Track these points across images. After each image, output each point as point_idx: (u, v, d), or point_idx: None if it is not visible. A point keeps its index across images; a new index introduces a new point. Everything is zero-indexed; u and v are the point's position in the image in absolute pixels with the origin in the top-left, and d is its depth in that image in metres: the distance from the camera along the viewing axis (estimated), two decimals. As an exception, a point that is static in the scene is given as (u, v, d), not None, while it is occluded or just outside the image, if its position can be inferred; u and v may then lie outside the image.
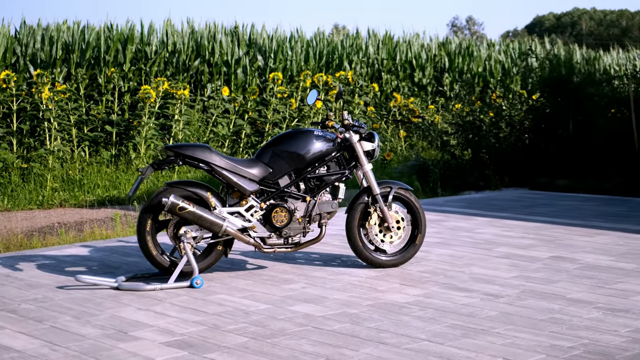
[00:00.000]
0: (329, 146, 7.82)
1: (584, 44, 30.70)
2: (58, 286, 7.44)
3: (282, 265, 8.23)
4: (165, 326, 6.22)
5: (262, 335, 5.96)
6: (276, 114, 18.18)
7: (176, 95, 17.21)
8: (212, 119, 17.98)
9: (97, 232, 10.58)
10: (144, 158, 16.43)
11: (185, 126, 17.23)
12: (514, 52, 26.20)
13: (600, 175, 13.56)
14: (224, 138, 17.89)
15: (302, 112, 18.60)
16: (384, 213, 7.89)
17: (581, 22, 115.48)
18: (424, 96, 23.17)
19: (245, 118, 18.25)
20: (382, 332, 6.00)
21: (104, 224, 11.77)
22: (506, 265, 8.09)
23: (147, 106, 16.73)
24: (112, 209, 13.53)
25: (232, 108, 18.28)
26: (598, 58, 26.83)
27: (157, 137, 16.91)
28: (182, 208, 7.32)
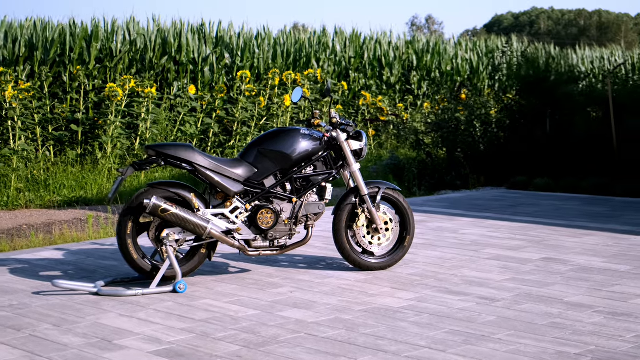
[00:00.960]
0: (315, 145, 7.57)
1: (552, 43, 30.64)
2: (34, 292, 7.13)
3: (266, 268, 7.96)
4: (152, 334, 5.94)
5: (254, 344, 5.70)
6: (244, 113, 17.88)
7: (143, 93, 16.86)
8: (180, 118, 17.65)
9: (68, 234, 10.25)
10: (110, 158, 16.07)
11: (152, 125, 16.88)
12: (480, 50, 26.07)
13: (578, 174, 13.39)
14: (192, 137, 17.57)
15: (270, 110, 18.31)
16: (372, 214, 7.64)
17: (539, 22, 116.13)
18: (392, 94, 22.97)
19: (213, 117, 17.94)
20: (380, 339, 5.75)
21: (74, 226, 11.43)
22: (497, 267, 7.87)
23: (114, 105, 16.36)
24: (80, 210, 13.18)
25: (199, 106, 17.96)
26: (565, 57, 26.76)
27: (123, 136, 16.55)
28: (165, 210, 7.04)
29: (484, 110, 15.18)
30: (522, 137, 14.53)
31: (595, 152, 13.63)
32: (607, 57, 29.05)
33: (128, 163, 16.40)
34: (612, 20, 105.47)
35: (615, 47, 32.08)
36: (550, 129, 14.28)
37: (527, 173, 13.81)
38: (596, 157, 13.57)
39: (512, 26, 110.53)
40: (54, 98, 17.34)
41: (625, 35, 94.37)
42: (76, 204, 14.02)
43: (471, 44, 26.54)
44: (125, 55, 18.38)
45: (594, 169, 13.36)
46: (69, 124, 16.83)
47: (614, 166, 13.32)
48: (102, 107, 17.14)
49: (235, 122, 17.95)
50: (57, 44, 17.64)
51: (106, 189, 15.12)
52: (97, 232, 10.29)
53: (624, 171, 13.11)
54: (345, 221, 7.66)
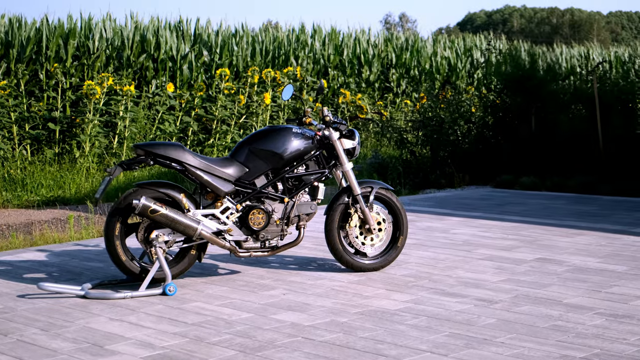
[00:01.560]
0: (307, 144, 7.41)
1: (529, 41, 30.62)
2: (19, 295, 6.94)
3: (256, 269, 7.80)
4: (144, 338, 5.77)
5: (250, 348, 5.54)
6: (224, 111, 17.69)
7: (121, 91, 16.63)
8: (158, 116, 17.44)
9: (48, 234, 10.04)
10: (89, 156, 15.83)
11: (131, 123, 16.66)
12: (459, 48, 25.99)
13: (564, 173, 13.30)
14: (171, 135, 17.36)
15: (250, 108, 18.13)
16: (365, 214, 7.49)
17: (512, 20, 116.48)
18: (372, 92, 22.84)
19: (192, 115, 17.74)
20: (379, 343, 5.61)
21: (54, 226, 11.21)
22: (491, 268, 7.75)
23: (92, 103, 16.13)
24: (59, 210, 12.96)
25: (177, 104, 17.75)
26: (548, 54, 26.73)
27: (101, 134, 16.32)
28: (154, 211, 6.86)
29: (468, 107, 15.05)
30: (507, 136, 14.41)
31: (581, 151, 13.54)
32: (584, 55, 29.06)
33: (107, 162, 16.18)
34: (585, 18, 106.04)
35: (593, 45, 32.11)
36: (535, 127, 14.17)
37: (513, 172, 13.70)
38: (582, 156, 13.47)
39: (485, 24, 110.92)
40: (31, 96, 17.09)
41: (597, 34, 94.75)
42: (54, 204, 13.79)
43: (449, 42, 26.45)
44: (102, 52, 18.15)
45: (580, 168, 13.26)
46: (46, 122, 16.59)
47: (600, 165, 13.23)
48: (79, 105, 16.90)
49: (215, 121, 17.76)
50: (33, 42, 17.39)
51: (84, 188, 14.91)
52: (78, 232, 10.09)
53: (610, 170, 13.03)
54: (337, 221, 7.52)
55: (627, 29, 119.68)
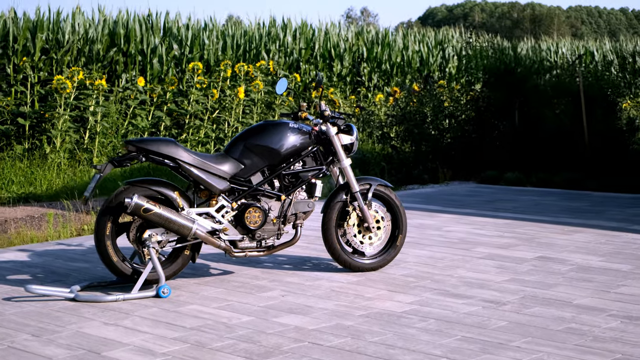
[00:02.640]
0: (304, 140, 7.15)
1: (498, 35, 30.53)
2: (4, 297, 6.64)
3: (250, 269, 7.53)
4: (142, 344, 5.49)
5: (256, 354, 5.28)
6: (197, 105, 17.36)
7: (91, 86, 16.25)
8: (130, 111, 17.08)
9: (25, 233, 9.69)
10: (60, 152, 15.45)
11: (102, 118, 16.30)
12: (430, 42, 25.81)
13: (550, 169, 13.11)
14: (143, 130, 17.02)
15: (222, 103, 17.82)
16: (364, 212, 7.25)
17: (473, 14, 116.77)
18: (343, 86, 22.59)
19: (164, 109, 17.39)
20: (391, 348, 5.37)
21: (28, 224, 10.85)
22: (493, 267, 7.53)
23: (63, 97, 15.75)
24: (32, 207, 12.57)
25: (148, 99, 17.41)
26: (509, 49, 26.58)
27: (72, 129, 15.94)
28: (147, 209, 6.57)
29: (450, 102, 14.83)
30: (491, 131, 14.21)
31: (566, 146, 13.36)
32: (552, 49, 28.99)
33: (78, 158, 15.82)
34: (545, 13, 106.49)
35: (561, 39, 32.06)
36: (518, 122, 13.99)
37: (497, 167, 13.50)
38: (567, 151, 13.30)
39: (446, 18, 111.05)
40: (-2, 91, 16.67)
41: (558, 28, 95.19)
42: (27, 201, 13.42)
43: (420, 36, 26.26)
44: (72, 46, 17.75)
45: (565, 164, 13.09)
46: (15, 117, 16.17)
47: (585, 161, 13.07)
48: (48, 99, 16.51)
49: (187, 115, 17.43)
50: (0, 35, 16.97)
51: (56, 184, 14.55)
52: (57, 231, 9.73)
53: (596, 165, 12.87)
54: (335, 220, 7.26)
55: (586, 23, 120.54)
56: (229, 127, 17.75)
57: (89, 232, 9.72)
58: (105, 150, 16.21)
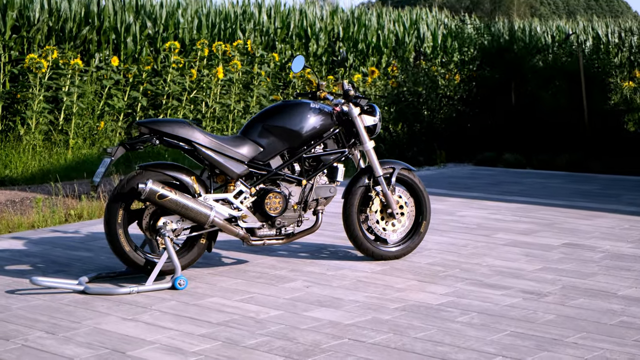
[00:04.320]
0: (326, 121, 6.74)
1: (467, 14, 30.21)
2: (7, 290, 6.18)
3: (264, 258, 7.12)
4: (169, 342, 5.07)
5: (296, 353, 4.88)
6: (174, 86, 16.86)
7: (64, 65, 15.68)
8: (106, 91, 16.53)
9: (10, 218, 9.16)
10: (35, 134, 14.90)
11: (78, 98, 15.75)
12: (405, 22, 25.42)
13: (550, 150, 12.77)
14: (119, 111, 16.49)
15: (200, 82, 17.34)
16: (388, 198, 6.85)
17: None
18: (319, 66, 22.14)
19: (140, 90, 16.87)
20: (439, 345, 4.99)
21: (11, 209, 10.33)
22: (521, 255, 7.17)
23: (37, 78, 15.18)
24: (10, 191, 12.04)
25: (122, 79, 16.87)
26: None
27: (47, 110, 15.38)
28: (163, 196, 6.13)
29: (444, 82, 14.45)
30: (486, 111, 13.84)
31: (566, 127, 13.02)
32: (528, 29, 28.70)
33: (53, 139, 15.28)
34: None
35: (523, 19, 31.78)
36: (515, 102, 13.63)
37: (493, 149, 13.13)
38: (567, 132, 12.96)
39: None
40: (-32, 71, 16.05)
41: (517, 9, 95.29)
42: (1, 184, 12.87)
43: (394, 15, 25.86)
44: (44, 24, 17.15)
45: (566, 145, 12.74)
46: (-14, 98, 15.58)
47: (586, 141, 12.74)
48: (18, 80, 15.93)
49: (164, 95, 16.93)
50: (-31, 13, 16.35)
51: (32, 167, 14.02)
52: (45, 216, 9.19)
53: (597, 146, 12.54)
54: (357, 206, 6.85)
55: (545, 4, 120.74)
56: (207, 108, 17.28)
57: (76, 217, 9.24)
58: (81, 131, 15.69)
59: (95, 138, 15.74)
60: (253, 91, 18.07)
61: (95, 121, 15.85)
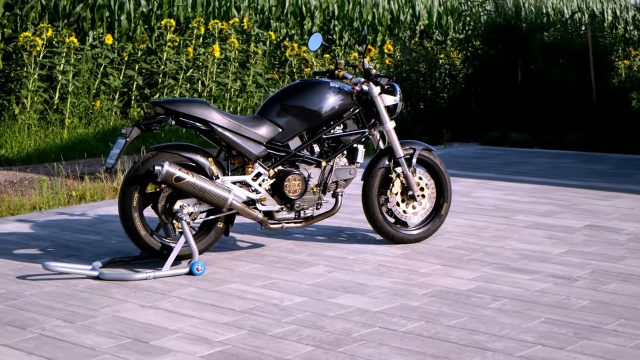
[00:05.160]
0: (346, 100, 6.52)
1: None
2: (18, 276, 5.98)
3: (280, 242, 6.92)
4: (192, 331, 4.87)
5: (327, 342, 4.69)
6: (170, 64, 16.60)
7: (58, 43, 15.40)
8: (101, 70, 16.26)
9: (10, 200, 8.90)
10: (30, 113, 14.63)
11: (74, 77, 15.48)
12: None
13: (558, 129, 12.56)
14: (115, 90, 16.23)
15: (196, 61, 17.09)
16: (409, 179, 6.65)
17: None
18: (314, 44, 21.82)
19: (136, 68, 16.61)
20: (474, 334, 4.80)
21: (12, 190, 10.07)
22: (544, 237, 6.99)
23: (33, 56, 14.90)
24: (8, 171, 11.79)
25: (117, 58, 16.60)
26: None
27: (42, 89, 15.11)
28: (179, 178, 5.92)
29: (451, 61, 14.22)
30: (491, 90, 13.61)
31: (574, 106, 12.81)
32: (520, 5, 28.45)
33: (49, 118, 15.01)
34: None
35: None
36: (521, 80, 13.40)
37: (499, 128, 12.91)
38: (575, 111, 12.74)
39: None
40: (-40, 49, 15.75)
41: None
42: (1, 164, 12.64)
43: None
44: (37, 2, 16.84)
45: (574, 124, 12.53)
46: (-20, 77, 15.29)
47: (594, 120, 12.53)
48: (11, 58, 15.64)
49: (160, 74, 16.67)
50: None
51: (28, 147, 13.76)
52: (46, 197, 8.93)
53: (606, 125, 12.33)
54: (377, 188, 6.64)
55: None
56: (203, 87, 17.05)
57: (77, 199, 9.01)
58: (77, 110, 15.43)
59: (91, 117, 15.49)
60: (249, 70, 17.83)
61: (91, 100, 15.59)
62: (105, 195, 8.95)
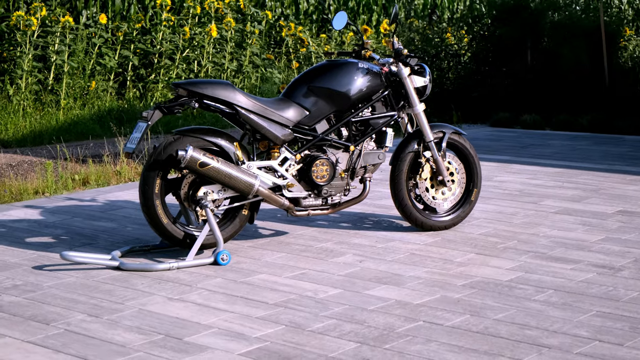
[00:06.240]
0: (375, 82, 6.25)
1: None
2: (34, 266, 5.70)
3: (304, 229, 6.65)
4: (227, 326, 4.61)
5: (371, 338, 4.43)
6: (167, 44, 16.26)
7: (51, 22, 15.04)
8: (95, 50, 15.90)
9: (11, 184, 8.57)
10: (26, 94, 14.29)
11: (69, 57, 15.13)
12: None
13: (570, 110, 12.27)
14: (111, 71, 15.89)
15: (193, 41, 16.75)
16: (439, 164, 6.39)
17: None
18: (309, 24, 21.55)
19: (132, 48, 16.26)
20: (526, 328, 4.56)
21: (8, 173, 9.73)
22: (577, 224, 6.74)
23: (28, 36, 14.55)
24: (4, 154, 11.45)
25: (110, 37, 16.24)
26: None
27: (37, 69, 14.77)
28: (204, 164, 5.63)
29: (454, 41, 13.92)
30: (500, 71, 13.32)
31: (586, 86, 12.52)
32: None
33: (44, 100, 14.65)
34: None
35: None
36: (531, 61, 13.11)
37: (508, 109, 12.62)
38: (587, 91, 12.46)
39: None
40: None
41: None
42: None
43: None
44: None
45: (587, 104, 12.24)
46: (-28, 56, 14.93)
47: (608, 101, 12.24)
48: (5, 37, 15.28)
49: (156, 55, 16.33)
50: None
51: (24, 128, 13.43)
52: (47, 181, 8.59)
53: (619, 105, 12.04)
54: (406, 173, 6.37)
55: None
56: (200, 67, 16.73)
57: (80, 183, 8.71)
58: (72, 91, 15.10)
59: (87, 99, 15.16)
60: (246, 50, 17.51)
61: (87, 81, 15.26)
62: (110, 179, 8.66)
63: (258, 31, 17.95)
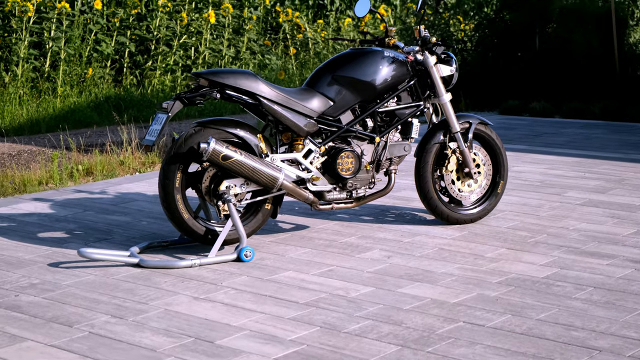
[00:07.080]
0: (401, 71, 6.04)
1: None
2: (50, 263, 5.49)
3: (325, 222, 6.45)
4: (259, 328, 4.41)
5: (412, 341, 4.24)
6: (164, 30, 16.02)
7: (47, 8, 14.77)
8: (92, 36, 15.64)
9: (13, 174, 8.32)
10: (22, 81, 14.04)
11: (66, 44, 14.87)
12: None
13: (580, 97, 12.06)
14: (108, 57, 15.64)
15: (190, 26, 16.52)
16: (465, 156, 6.18)
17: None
18: (305, 10, 21.31)
19: (128, 35, 16.01)
20: (572, 329, 4.38)
21: (9, 163, 9.49)
22: (605, 216, 6.55)
23: (24, 22, 14.28)
24: (3, 143, 11.21)
25: (105, 23, 15.98)
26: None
27: (33, 56, 14.51)
28: (227, 157, 5.42)
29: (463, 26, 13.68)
30: (508, 58, 13.09)
31: (597, 73, 12.30)
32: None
33: (40, 87, 14.40)
34: None
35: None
36: (539, 47, 12.89)
37: (516, 96, 12.40)
38: (598, 78, 12.24)
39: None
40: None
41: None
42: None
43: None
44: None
45: (598, 91, 12.03)
46: (-33, 43, 14.65)
47: (618, 88, 12.03)
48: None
49: (153, 41, 16.08)
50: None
51: (21, 117, 13.19)
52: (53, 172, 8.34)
53: (632, 92, 11.83)
54: (432, 165, 6.17)
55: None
56: (197, 54, 16.50)
57: (84, 173, 8.48)
58: (69, 78, 14.85)
59: (84, 86, 14.91)
60: (244, 36, 17.28)
61: (84, 68, 15.01)
62: (115, 169, 8.44)
63: (255, 17, 17.70)
